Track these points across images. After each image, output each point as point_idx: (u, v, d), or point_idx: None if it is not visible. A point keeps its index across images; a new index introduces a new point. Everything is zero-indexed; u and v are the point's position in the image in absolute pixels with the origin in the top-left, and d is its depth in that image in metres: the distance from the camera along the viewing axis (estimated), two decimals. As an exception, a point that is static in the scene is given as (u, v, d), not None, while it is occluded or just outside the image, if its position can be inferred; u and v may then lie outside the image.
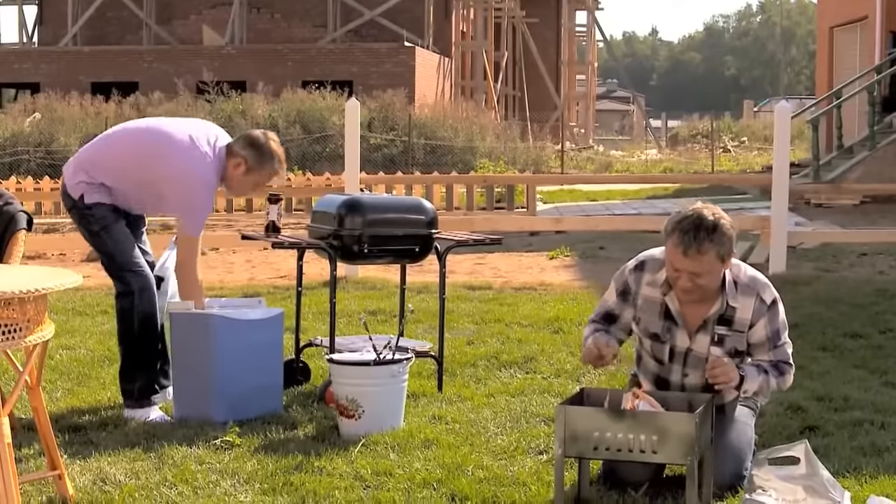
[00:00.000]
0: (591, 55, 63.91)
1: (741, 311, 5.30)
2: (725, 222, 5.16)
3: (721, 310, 5.31)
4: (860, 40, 28.10)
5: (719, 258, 5.15)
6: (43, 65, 43.80)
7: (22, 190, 21.21)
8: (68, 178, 6.81)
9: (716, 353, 5.33)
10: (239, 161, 6.72)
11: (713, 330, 5.33)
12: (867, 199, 22.12)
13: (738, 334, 5.33)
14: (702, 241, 5.09)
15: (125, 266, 6.72)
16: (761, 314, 5.30)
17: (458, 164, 32.52)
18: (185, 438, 6.08)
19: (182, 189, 6.63)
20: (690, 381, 5.43)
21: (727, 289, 5.30)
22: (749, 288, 5.31)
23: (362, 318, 7.26)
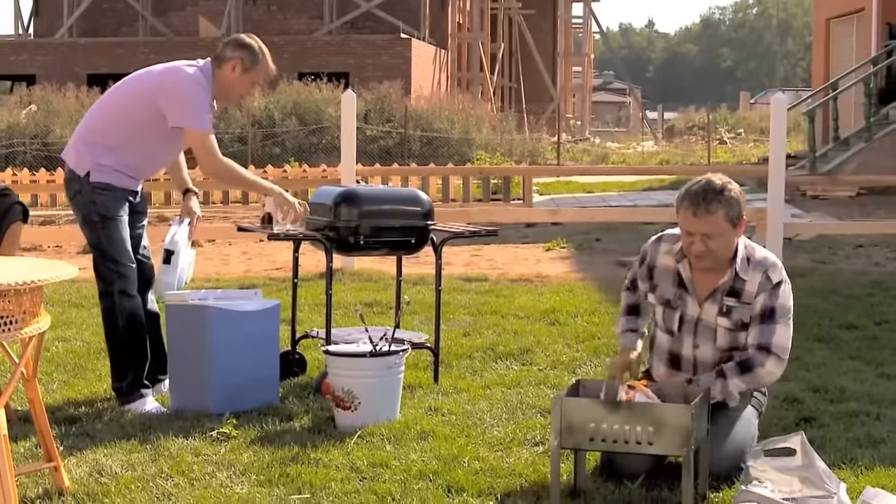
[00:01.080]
0: (588, 47, 63.89)
1: (750, 285, 5.38)
2: (733, 188, 5.34)
3: (731, 281, 5.39)
4: (856, 32, 28.10)
5: (728, 220, 5.28)
6: (39, 56, 43.75)
7: (18, 182, 21.24)
8: (72, 157, 6.77)
9: (722, 324, 5.40)
10: (234, 63, 6.74)
11: (722, 300, 5.41)
12: (863, 190, 22.14)
13: (746, 307, 5.39)
14: (710, 200, 5.26)
15: (112, 266, 6.69)
16: (763, 290, 5.36)
17: (454, 156, 32.51)
18: (181, 430, 6.08)
19: (176, 91, 6.62)
20: (701, 354, 5.47)
21: (739, 261, 5.39)
22: (760, 264, 5.41)
23: (358, 310, 7.26)
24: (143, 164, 6.84)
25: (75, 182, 6.72)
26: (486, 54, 49.65)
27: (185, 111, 6.62)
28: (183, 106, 6.62)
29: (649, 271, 5.62)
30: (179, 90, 6.64)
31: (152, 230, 8.03)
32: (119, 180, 6.71)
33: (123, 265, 6.70)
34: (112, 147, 6.68)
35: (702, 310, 5.45)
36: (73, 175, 6.74)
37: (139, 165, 6.81)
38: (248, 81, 6.84)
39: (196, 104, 6.64)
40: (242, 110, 33.57)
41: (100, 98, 7.03)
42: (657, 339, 5.64)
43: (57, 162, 30.46)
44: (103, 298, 6.75)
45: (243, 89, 6.89)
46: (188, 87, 6.64)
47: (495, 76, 51.79)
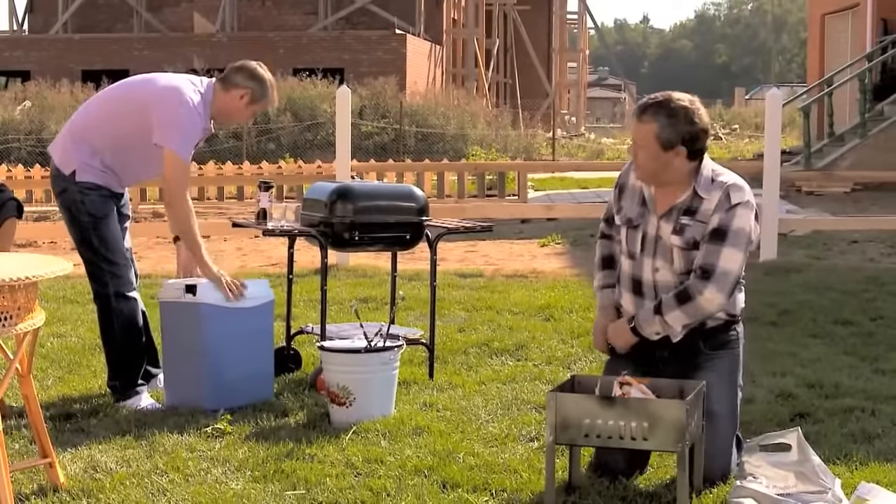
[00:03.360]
0: (583, 43, 63.95)
1: (707, 203, 5.22)
2: (687, 111, 5.17)
3: (689, 199, 5.25)
4: (851, 28, 28.10)
5: (657, 137, 5.14)
6: (33, 52, 43.75)
7: (12, 178, 21.20)
8: (58, 152, 6.74)
9: (675, 243, 5.26)
10: (244, 92, 6.72)
11: (678, 218, 5.27)
12: (858, 186, 22.15)
13: (700, 224, 5.23)
14: (646, 109, 5.18)
15: (106, 266, 6.67)
16: (720, 209, 5.20)
17: (449, 152, 32.54)
18: (176, 426, 6.08)
19: (172, 113, 6.54)
20: (661, 278, 5.33)
21: (699, 179, 5.25)
22: (722, 184, 5.23)
23: (353, 306, 7.26)
24: (127, 170, 6.76)
25: (61, 180, 6.69)
26: (481, 50, 49.67)
27: (173, 135, 6.52)
28: (172, 129, 6.52)
29: (619, 192, 5.52)
30: (176, 113, 6.55)
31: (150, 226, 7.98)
32: (105, 180, 6.67)
33: (117, 264, 6.67)
34: (99, 149, 6.64)
35: (659, 227, 5.32)
36: (58, 172, 6.70)
37: (123, 171, 6.74)
38: (251, 112, 6.86)
39: (186, 133, 6.56)
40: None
41: (95, 95, 7.01)
42: (622, 266, 5.51)
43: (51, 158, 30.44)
44: (98, 300, 6.74)
45: (244, 117, 6.90)
46: (185, 116, 6.56)
47: (490, 72, 51.81)
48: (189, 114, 6.56)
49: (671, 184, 5.27)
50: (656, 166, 5.23)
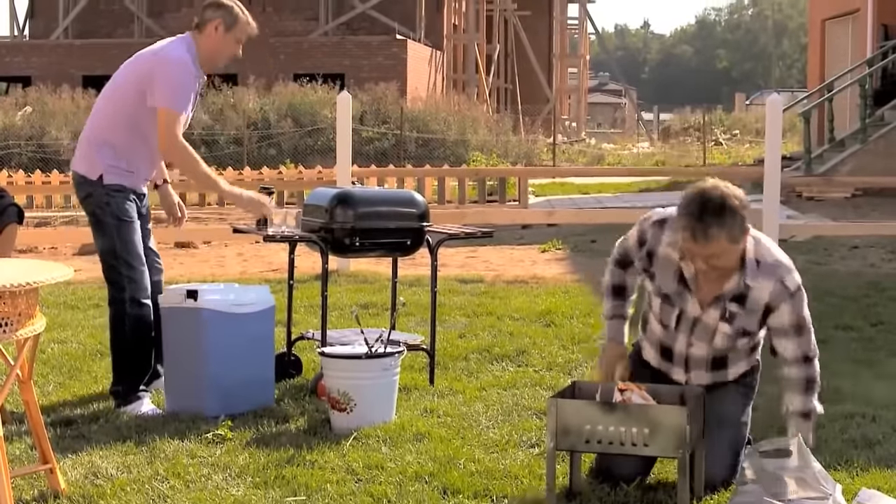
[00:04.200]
0: (583, 48, 63.97)
1: (757, 291, 5.13)
2: (734, 202, 4.97)
3: (737, 288, 5.15)
4: (852, 33, 28.11)
5: (730, 240, 4.97)
6: (34, 58, 43.75)
7: (13, 183, 21.22)
8: (83, 164, 6.80)
9: (724, 330, 5.22)
10: (215, 23, 6.78)
11: (725, 306, 5.18)
12: (858, 192, 22.15)
13: (751, 314, 5.18)
14: (708, 225, 4.91)
15: (125, 270, 6.71)
16: (783, 299, 5.13)
17: (449, 158, 32.54)
18: (176, 432, 6.08)
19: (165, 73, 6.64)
20: (695, 353, 5.32)
21: (747, 267, 5.13)
22: (772, 269, 5.14)
23: (354, 312, 7.26)
24: (146, 159, 6.83)
25: (86, 185, 6.74)
26: (482, 55, 49.68)
27: (164, 93, 6.60)
28: (163, 88, 6.60)
29: (648, 257, 5.34)
30: (165, 72, 6.64)
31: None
32: (130, 181, 6.75)
33: (136, 269, 6.71)
34: (118, 145, 6.70)
35: (704, 312, 5.23)
36: (83, 179, 6.76)
37: (143, 162, 6.81)
38: (231, 40, 6.86)
39: (177, 89, 6.63)
40: (238, 111, 33.57)
41: (99, 98, 7.03)
42: (650, 325, 5.46)
43: (52, 164, 30.48)
44: (112, 305, 6.79)
45: (228, 49, 6.88)
46: (174, 72, 6.65)
47: (491, 77, 51.82)
48: (182, 73, 6.66)
49: (721, 272, 5.15)
50: (736, 262, 5.12)
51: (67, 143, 33.31)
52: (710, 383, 5.36)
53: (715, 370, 5.37)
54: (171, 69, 6.65)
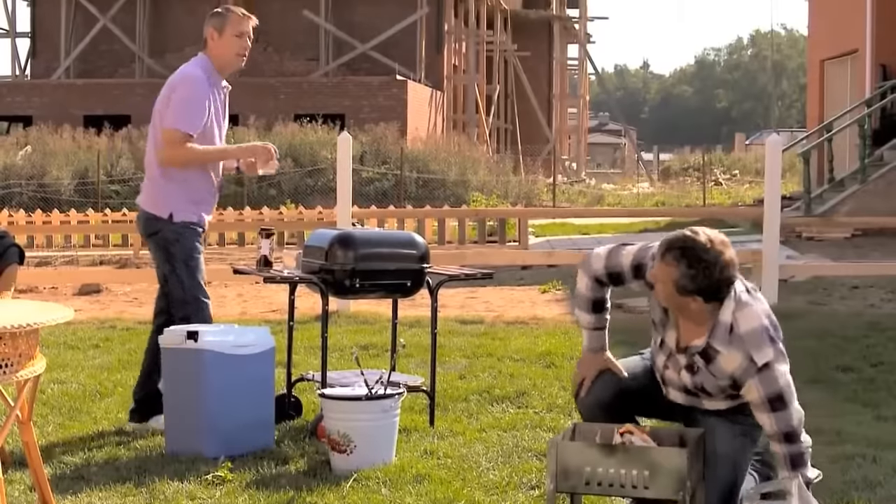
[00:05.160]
0: (583, 88, 64.11)
1: (724, 360, 5.05)
2: (709, 266, 4.92)
3: (704, 345, 5.09)
4: (851, 73, 28.19)
5: (675, 283, 4.96)
6: (35, 98, 43.87)
7: (14, 223, 21.23)
8: (149, 198, 7.08)
9: (685, 380, 5.19)
10: (210, 32, 7.07)
11: (692, 357, 5.14)
12: (858, 232, 22.15)
13: (712, 377, 5.11)
14: (670, 250, 4.96)
15: (193, 303, 6.97)
16: (749, 375, 4.99)
17: (450, 198, 32.59)
18: (176, 473, 6.07)
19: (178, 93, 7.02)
20: (670, 376, 5.29)
21: (716, 329, 5.06)
22: (742, 342, 5.02)
23: (354, 353, 7.25)
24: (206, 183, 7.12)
25: (154, 221, 7.02)
26: (482, 96, 49.81)
27: (175, 113, 6.94)
28: (175, 108, 6.94)
29: (649, 286, 5.27)
30: (179, 93, 6.99)
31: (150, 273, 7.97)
32: (198, 214, 7.06)
33: (202, 302, 7.01)
34: (176, 178, 6.99)
35: (675, 352, 5.21)
36: (151, 216, 7.02)
37: (205, 188, 7.11)
38: (229, 39, 7.07)
39: (189, 106, 6.93)
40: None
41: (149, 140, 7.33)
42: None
43: (53, 203, 30.51)
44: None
45: (231, 49, 7.10)
46: (188, 91, 6.98)
47: (491, 118, 51.94)
48: (188, 86, 6.97)
49: (692, 318, 5.12)
50: (673, 304, 5.10)
51: (68, 183, 33.38)
52: (689, 405, 5.32)
53: (689, 396, 5.31)
54: (182, 88, 6.96)
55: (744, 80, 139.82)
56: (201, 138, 7.00)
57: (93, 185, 33.23)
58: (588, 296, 5.57)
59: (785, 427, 5.01)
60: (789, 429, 5.02)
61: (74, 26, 46.68)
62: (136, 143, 35.94)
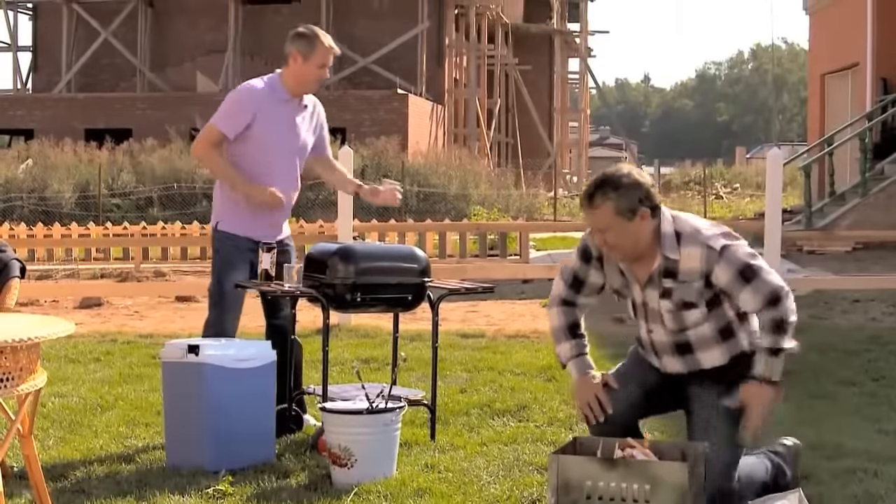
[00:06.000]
0: (584, 102, 64.14)
1: (686, 262, 5.21)
2: (626, 178, 5.18)
3: (663, 263, 5.24)
4: (851, 87, 28.23)
5: (618, 213, 5.15)
6: (37, 111, 43.91)
7: (15, 237, 21.25)
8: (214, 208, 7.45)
9: (665, 307, 5.29)
10: (294, 55, 7.16)
11: (660, 283, 5.27)
12: (859, 245, 22.17)
13: (685, 285, 5.23)
14: (594, 195, 5.17)
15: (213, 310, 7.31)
16: (714, 261, 5.17)
17: (451, 212, 32.60)
18: (177, 487, 6.06)
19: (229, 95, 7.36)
20: (657, 338, 5.42)
21: (663, 241, 5.23)
22: (692, 238, 5.22)
23: (355, 367, 7.26)
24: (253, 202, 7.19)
25: (212, 232, 7.31)
26: (483, 110, 49.83)
27: (218, 112, 7.16)
28: (220, 108, 7.18)
29: (599, 262, 5.50)
30: (230, 96, 7.27)
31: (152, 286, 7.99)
32: (245, 228, 7.20)
33: (222, 311, 7.25)
34: (226, 189, 7.21)
35: (644, 295, 5.36)
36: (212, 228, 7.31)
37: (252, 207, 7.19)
38: (312, 67, 7.19)
39: (230, 108, 7.13)
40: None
41: None
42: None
43: (54, 217, 30.54)
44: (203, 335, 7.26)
45: (311, 76, 7.23)
46: (234, 96, 7.21)
47: (492, 131, 51.96)
48: (237, 94, 7.22)
49: (642, 250, 5.27)
50: (629, 240, 5.22)
51: (69, 197, 33.41)
52: (687, 371, 5.40)
53: (682, 355, 5.39)
54: (232, 93, 7.24)
55: (745, 94, 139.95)
56: (249, 145, 7.15)
57: (94, 199, 33.26)
58: (561, 323, 5.67)
59: (767, 293, 5.18)
60: (771, 295, 5.18)
61: (76, 40, 46.74)
62: (137, 156, 36.00)
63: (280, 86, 7.19)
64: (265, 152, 7.19)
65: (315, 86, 7.26)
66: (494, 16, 52.31)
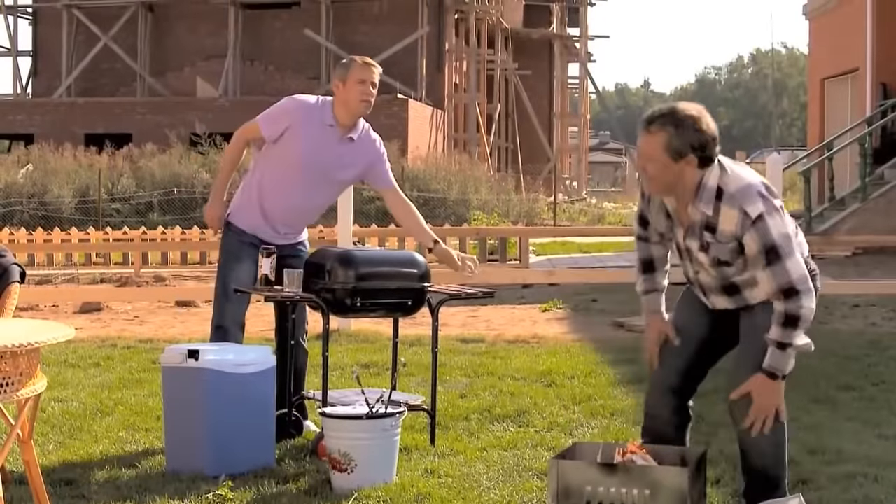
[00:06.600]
0: (584, 107, 64.15)
1: (723, 222, 5.12)
2: (690, 120, 5.11)
3: (703, 217, 5.18)
4: (851, 92, 28.23)
5: (666, 148, 5.09)
6: (37, 116, 43.95)
7: (15, 241, 21.24)
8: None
9: (702, 259, 5.25)
10: (335, 83, 7.31)
11: (701, 235, 5.21)
12: (859, 250, 22.17)
13: (721, 245, 5.16)
14: (654, 120, 5.13)
15: (215, 301, 7.32)
16: (745, 228, 5.08)
17: (451, 217, 32.59)
18: (177, 492, 6.06)
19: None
20: (703, 280, 5.36)
21: (701, 193, 5.16)
22: (734, 199, 5.11)
23: (355, 372, 7.25)
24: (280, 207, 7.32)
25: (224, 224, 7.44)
26: (483, 115, 49.86)
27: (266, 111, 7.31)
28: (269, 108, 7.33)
29: (646, 200, 5.49)
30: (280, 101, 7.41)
31: (151, 291, 8.01)
32: (247, 221, 7.30)
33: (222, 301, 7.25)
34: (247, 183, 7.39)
35: (686, 241, 5.31)
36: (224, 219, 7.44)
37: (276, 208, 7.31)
38: (351, 88, 7.24)
39: (273, 109, 7.28)
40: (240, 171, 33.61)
41: None
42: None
43: (54, 221, 30.54)
44: None
45: (353, 96, 7.25)
46: (284, 101, 7.37)
47: (492, 136, 51.99)
48: (285, 99, 7.36)
49: (685, 196, 5.22)
50: (668, 178, 5.17)
51: (69, 201, 33.41)
52: (735, 308, 5.37)
53: (730, 295, 5.35)
54: (283, 99, 7.41)
55: (744, 99, 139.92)
56: (277, 152, 7.25)
57: (94, 204, 33.27)
58: (638, 256, 5.70)
59: (784, 283, 5.06)
60: (787, 285, 5.05)
61: (76, 45, 46.78)
62: (137, 161, 36.00)
63: (329, 111, 7.25)
64: (286, 165, 7.22)
65: (362, 106, 7.23)
66: (494, 21, 52.36)
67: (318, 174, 7.26)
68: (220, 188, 7.47)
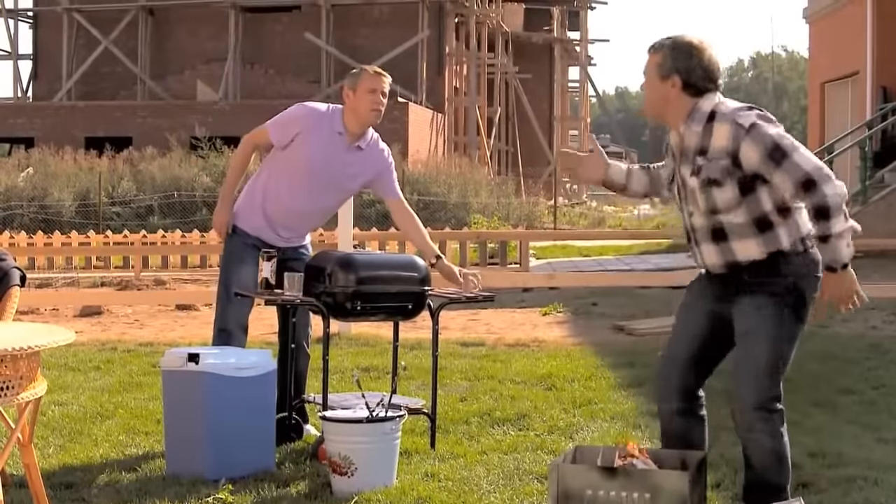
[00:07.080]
0: (584, 110, 64.17)
1: (716, 139, 5.13)
2: (689, 46, 5.23)
3: (696, 140, 5.21)
4: (851, 96, 28.24)
5: (657, 66, 5.26)
6: (37, 119, 43.94)
7: (15, 245, 21.25)
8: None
9: (692, 184, 5.24)
10: (344, 92, 7.32)
11: (694, 161, 5.24)
12: (859, 253, 21.96)
13: (714, 162, 5.14)
14: (656, 42, 5.30)
15: (217, 301, 7.33)
16: (740, 138, 5.08)
17: (451, 220, 32.59)
18: (177, 496, 6.06)
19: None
20: (696, 223, 5.33)
21: (693, 115, 5.24)
22: (724, 115, 5.17)
23: (355, 375, 7.25)
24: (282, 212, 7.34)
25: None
26: (483, 118, 49.86)
27: (276, 117, 7.34)
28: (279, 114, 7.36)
29: (665, 150, 5.60)
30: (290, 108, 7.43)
31: (151, 294, 8.01)
32: (250, 223, 7.33)
33: (223, 302, 7.26)
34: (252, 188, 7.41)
35: (681, 170, 5.34)
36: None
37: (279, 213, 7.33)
38: (361, 95, 7.26)
39: (283, 115, 7.31)
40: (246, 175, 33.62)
41: None
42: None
43: (54, 225, 30.54)
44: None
45: (364, 105, 7.27)
46: (293, 107, 7.40)
47: (492, 140, 51.99)
48: (295, 106, 7.39)
49: (675, 122, 5.33)
50: (655, 97, 5.33)
51: (69, 205, 33.42)
52: (724, 263, 5.29)
53: (717, 243, 5.28)
54: (293, 106, 7.43)
55: (745, 102, 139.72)
56: (285, 157, 7.28)
57: (94, 207, 33.27)
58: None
59: (801, 176, 5.01)
60: (804, 177, 5.01)
61: (76, 48, 46.80)
62: (138, 164, 36.00)
63: (339, 119, 7.26)
64: (293, 170, 7.23)
65: (372, 115, 7.24)
66: (494, 24, 52.38)
67: (324, 181, 7.26)
68: (227, 194, 7.47)
